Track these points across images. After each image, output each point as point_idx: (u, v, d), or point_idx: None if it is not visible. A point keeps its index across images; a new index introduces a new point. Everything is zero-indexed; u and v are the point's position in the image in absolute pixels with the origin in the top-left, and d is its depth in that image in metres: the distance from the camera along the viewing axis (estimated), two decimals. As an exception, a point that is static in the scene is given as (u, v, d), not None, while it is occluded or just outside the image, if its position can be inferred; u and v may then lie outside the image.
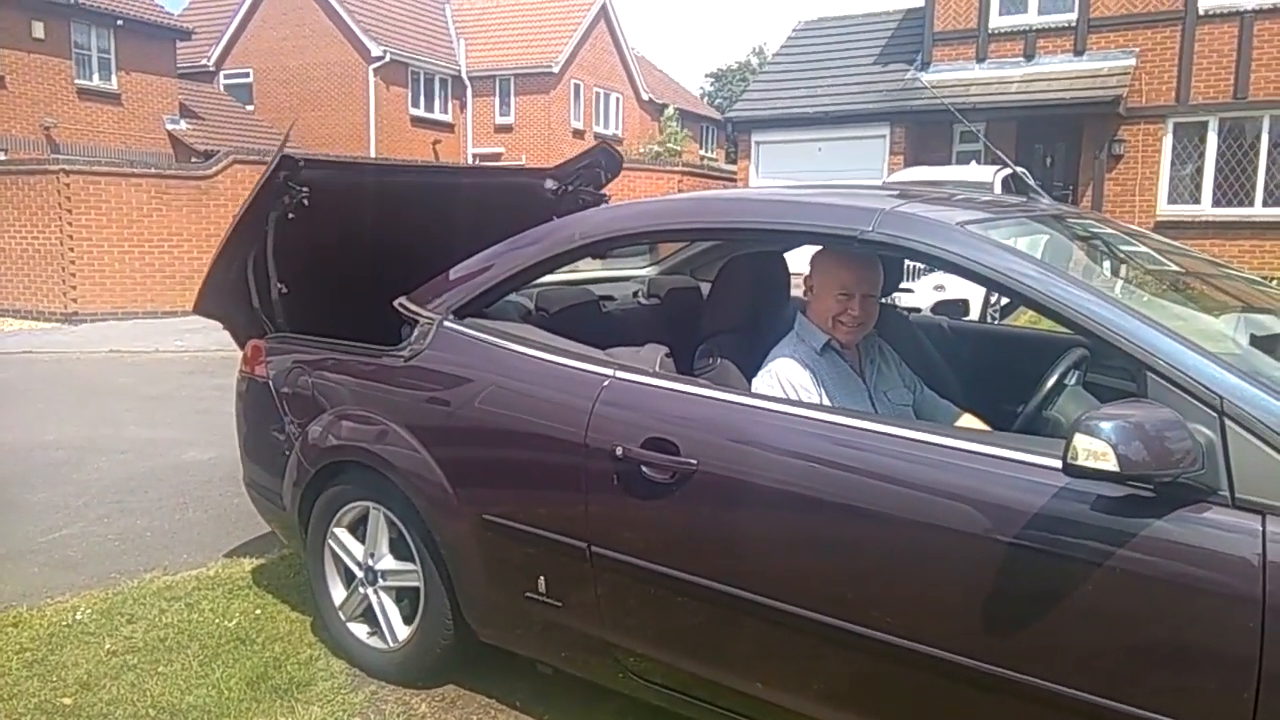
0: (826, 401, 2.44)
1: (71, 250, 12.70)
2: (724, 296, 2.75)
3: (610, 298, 3.66)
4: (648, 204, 2.97)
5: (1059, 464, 1.75)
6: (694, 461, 2.26)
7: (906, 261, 3.65)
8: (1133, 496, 1.76)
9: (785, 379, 2.47)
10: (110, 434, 6.53)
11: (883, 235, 2.14)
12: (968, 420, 2.63)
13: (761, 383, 2.50)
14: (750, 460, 2.25)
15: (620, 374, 2.50)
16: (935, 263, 2.14)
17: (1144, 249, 2.92)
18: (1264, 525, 1.66)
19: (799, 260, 2.76)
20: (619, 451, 2.36)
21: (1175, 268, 2.92)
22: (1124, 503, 1.77)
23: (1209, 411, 1.73)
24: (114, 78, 20.07)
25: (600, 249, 2.84)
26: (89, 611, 3.53)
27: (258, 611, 3.55)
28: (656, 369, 2.55)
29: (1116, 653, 1.81)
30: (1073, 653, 1.84)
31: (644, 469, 2.33)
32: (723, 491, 2.26)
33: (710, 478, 2.26)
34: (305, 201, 3.13)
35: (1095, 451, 1.66)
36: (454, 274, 2.96)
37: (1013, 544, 1.88)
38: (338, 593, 3.18)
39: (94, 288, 12.89)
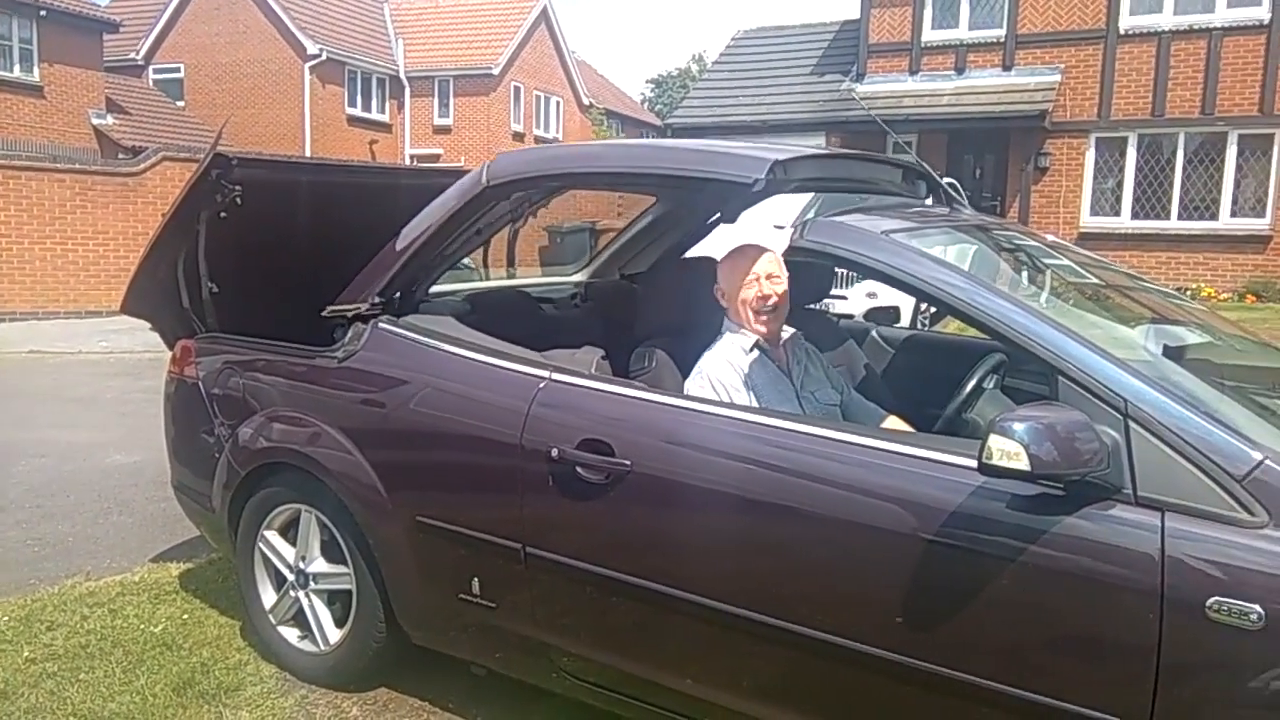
0: (755, 400, 2.50)
1: (-10, 247, 12.27)
2: (658, 300, 2.79)
3: (549, 300, 3.68)
4: (557, 148, 3.02)
5: (976, 464, 1.82)
6: (628, 463, 2.30)
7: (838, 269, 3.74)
8: (1044, 495, 1.84)
9: (716, 379, 2.52)
10: (30, 437, 6.33)
11: (810, 242, 2.20)
12: (893, 422, 2.71)
13: (693, 384, 2.55)
14: (682, 461, 2.29)
15: (556, 376, 2.53)
16: (861, 269, 2.21)
17: (1065, 261, 3.04)
18: (1163, 521, 1.75)
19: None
20: (554, 453, 2.39)
21: (1095, 280, 3.04)
22: (1036, 501, 1.85)
23: (1114, 414, 1.83)
24: (36, 69, 19.39)
25: (507, 193, 2.76)
26: (6, 619, 3.43)
27: (185, 617, 3.49)
28: (592, 371, 2.58)
29: (1031, 645, 1.89)
30: (990, 646, 1.92)
31: (579, 470, 2.36)
32: (656, 492, 2.30)
33: (644, 479, 2.29)
34: (238, 200, 3.09)
35: (1008, 452, 1.74)
36: (374, 261, 2.92)
37: (933, 541, 1.95)
38: (268, 596, 3.14)
39: (14, 286, 12.45)
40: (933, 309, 10.41)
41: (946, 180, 11.76)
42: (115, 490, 5.12)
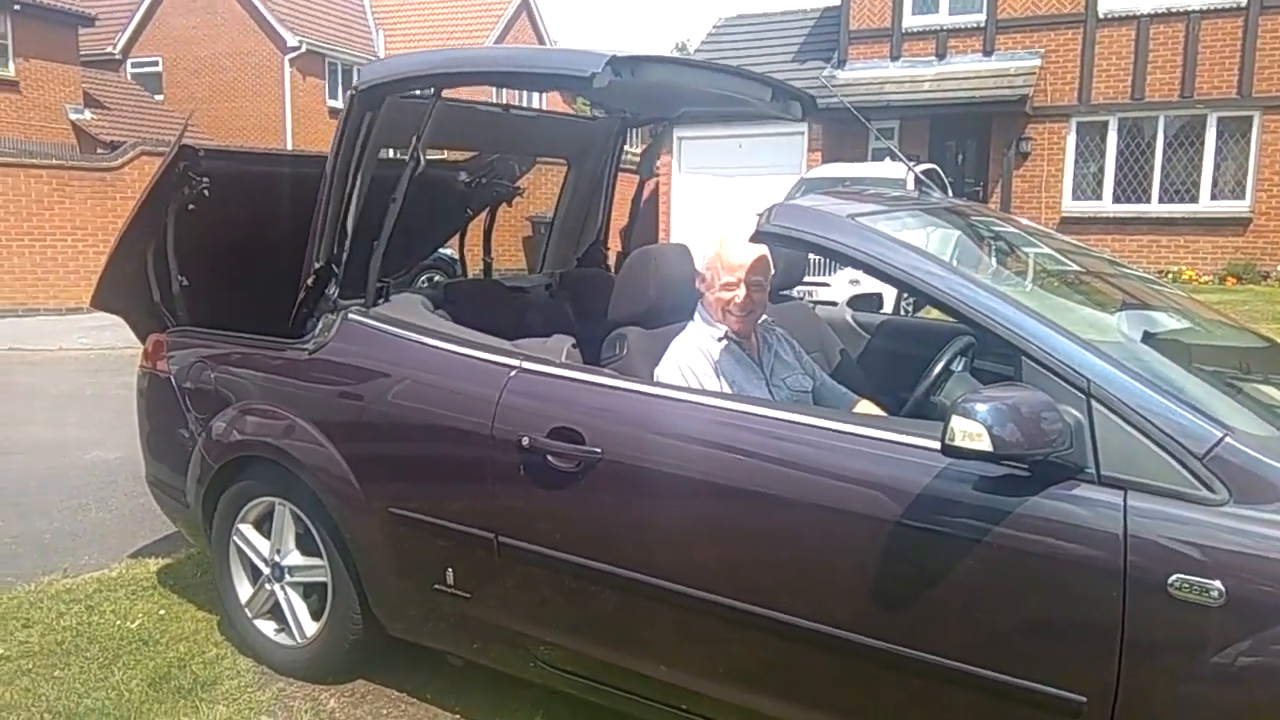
0: (725, 388, 2.49)
1: (-35, 245, 12.15)
2: (629, 288, 2.78)
3: (522, 290, 3.67)
4: (419, 53, 3.11)
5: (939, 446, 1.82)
6: (598, 450, 2.29)
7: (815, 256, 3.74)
8: (1009, 475, 1.85)
9: (685, 366, 2.52)
10: (9, 435, 6.28)
11: (776, 227, 2.19)
12: (865, 406, 2.71)
13: (663, 370, 2.55)
14: (652, 447, 2.29)
15: (527, 365, 2.52)
16: (826, 254, 2.20)
17: (1043, 247, 3.04)
18: (1125, 500, 1.76)
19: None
20: (525, 442, 2.38)
21: (1072, 265, 3.05)
22: (1002, 482, 1.86)
23: (1077, 393, 1.83)
24: (11, 64, 19.15)
25: (376, 97, 2.81)
26: (-19, 617, 3.42)
27: (162, 612, 3.47)
28: (563, 359, 2.57)
29: (997, 626, 1.90)
30: (958, 627, 1.93)
31: (549, 459, 2.36)
32: (626, 479, 2.30)
33: (614, 466, 2.29)
34: (206, 192, 3.08)
35: (971, 433, 1.74)
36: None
37: (901, 524, 1.96)
38: (244, 590, 3.13)
39: (-8, 283, 12.35)
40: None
41: (926, 166, 11.72)
42: (94, 487, 5.09)
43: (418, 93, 2.96)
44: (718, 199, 16.14)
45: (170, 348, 3.28)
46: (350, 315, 2.81)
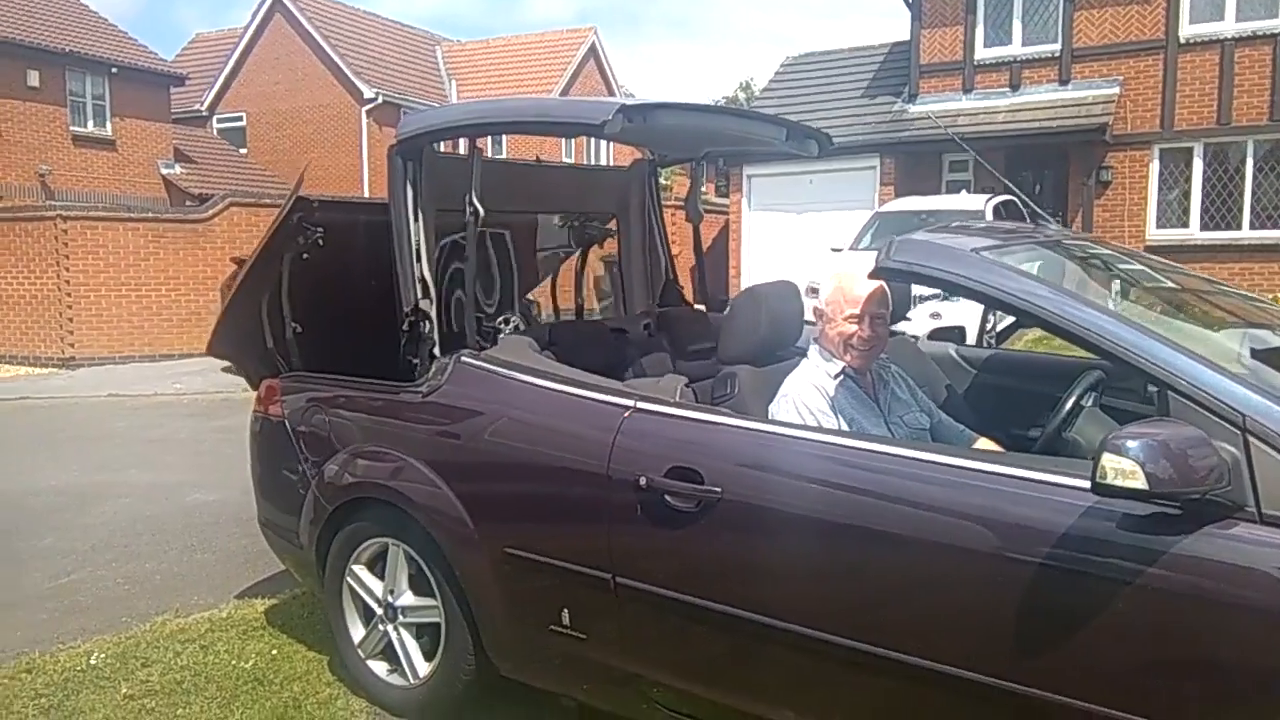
0: (842, 425, 2.47)
1: (69, 295, 12.69)
2: (739, 326, 2.78)
3: (623, 331, 3.70)
4: (447, 107, 3.25)
5: (1085, 484, 1.77)
6: (718, 490, 2.28)
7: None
8: (1160, 514, 1.78)
9: (802, 404, 2.50)
10: (112, 479, 6.50)
11: (897, 262, 2.17)
12: (984, 444, 2.65)
13: (779, 409, 2.53)
14: (773, 487, 2.27)
15: (642, 404, 2.53)
16: (952, 289, 2.17)
17: (1142, 267, 2.96)
18: (1291, 540, 1.68)
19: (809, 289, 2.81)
20: (642, 482, 2.38)
21: (1174, 285, 2.96)
22: (1151, 521, 1.79)
23: (1232, 429, 1.76)
24: (108, 124, 20.17)
25: (415, 148, 2.97)
26: (103, 656, 3.51)
27: (274, 652, 3.53)
28: (677, 399, 2.57)
29: (1148, 670, 1.82)
30: (1104, 671, 1.85)
31: (668, 498, 2.35)
32: (747, 519, 2.28)
33: (734, 505, 2.27)
34: (320, 241, 3.17)
35: (1123, 470, 1.68)
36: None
37: (1039, 564, 1.90)
38: (356, 630, 3.17)
39: (91, 332, 12.86)
40: (999, 326, 10.26)
41: (1005, 197, 11.51)
42: (197, 528, 5.23)
43: (446, 145, 3.09)
44: (789, 235, 16.11)
45: (283, 392, 3.36)
46: (463, 358, 2.86)
